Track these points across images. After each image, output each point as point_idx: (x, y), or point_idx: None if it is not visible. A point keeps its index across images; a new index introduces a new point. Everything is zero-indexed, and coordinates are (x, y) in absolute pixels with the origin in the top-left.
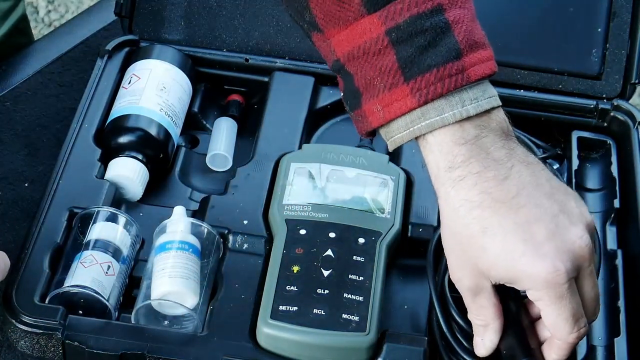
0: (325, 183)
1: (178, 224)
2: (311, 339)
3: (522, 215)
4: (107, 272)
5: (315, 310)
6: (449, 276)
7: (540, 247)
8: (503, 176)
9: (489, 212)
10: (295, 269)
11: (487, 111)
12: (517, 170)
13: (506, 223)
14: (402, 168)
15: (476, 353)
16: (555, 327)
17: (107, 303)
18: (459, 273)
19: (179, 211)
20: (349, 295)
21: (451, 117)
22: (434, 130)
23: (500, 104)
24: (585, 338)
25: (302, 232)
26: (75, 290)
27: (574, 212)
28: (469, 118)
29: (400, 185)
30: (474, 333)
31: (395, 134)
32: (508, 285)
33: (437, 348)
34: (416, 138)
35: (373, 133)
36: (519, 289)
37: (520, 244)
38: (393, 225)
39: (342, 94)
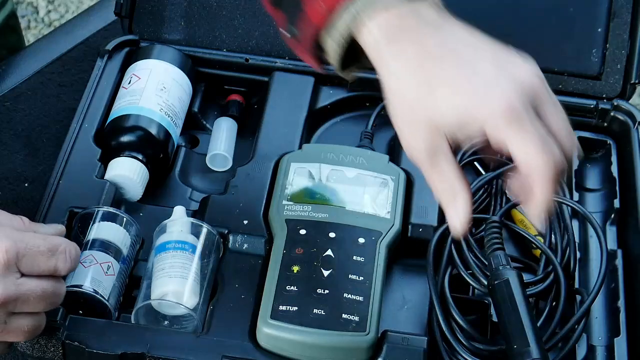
0: (325, 183)
1: (178, 224)
2: (311, 339)
3: (464, 60)
4: (107, 272)
5: (315, 310)
6: (449, 276)
7: (490, 82)
8: (440, 36)
9: (430, 66)
10: (295, 269)
11: None
12: (451, 27)
13: (450, 71)
14: (402, 168)
15: (454, 231)
16: (526, 156)
17: (107, 303)
18: (413, 138)
19: (179, 211)
20: (349, 295)
21: None
22: (377, 12)
23: None
24: (585, 338)
25: (302, 232)
26: (75, 290)
27: (515, 53)
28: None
29: (400, 185)
30: (444, 209)
31: (341, 28)
32: (464, 132)
33: (437, 348)
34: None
35: (319, 48)
36: (474, 132)
37: (468, 84)
38: (393, 225)
39: (283, 24)
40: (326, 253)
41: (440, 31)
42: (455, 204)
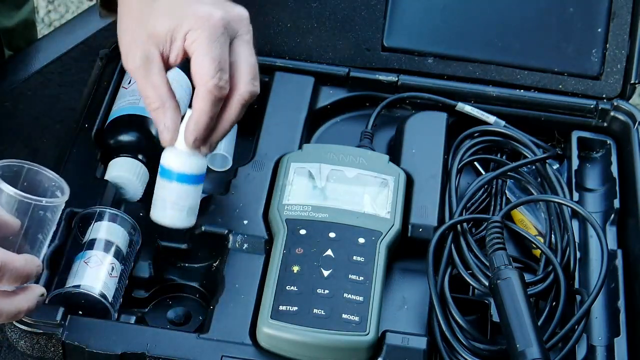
0: (325, 183)
1: None
2: (311, 339)
3: None
4: (111, 274)
5: (315, 310)
6: (449, 276)
7: (199, 8)
8: None
9: None
10: (295, 269)
11: None
12: None
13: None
14: (402, 168)
15: (163, 141)
16: (201, 68)
17: (109, 305)
18: (131, 47)
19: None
20: (349, 295)
21: None
22: None
23: None
24: (585, 338)
25: (302, 232)
26: (81, 291)
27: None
28: None
29: (400, 185)
30: (155, 119)
31: None
32: (171, 40)
33: (437, 348)
34: None
35: None
36: (180, 37)
37: (180, 10)
38: (393, 225)
39: None
40: (326, 253)
41: None
42: (165, 116)
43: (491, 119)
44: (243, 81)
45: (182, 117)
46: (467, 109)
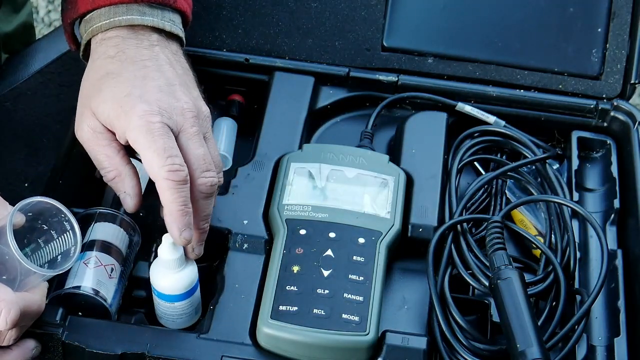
0: (325, 183)
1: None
2: (311, 338)
3: (142, 72)
4: (110, 275)
5: (315, 311)
6: (449, 276)
7: (145, 95)
8: (142, 46)
9: (117, 63)
10: (295, 269)
11: (174, 36)
12: (159, 50)
13: (126, 73)
14: (402, 168)
15: (129, 210)
16: (148, 163)
17: (109, 307)
18: (80, 118)
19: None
20: (349, 295)
21: (150, 21)
22: (128, 25)
23: (184, 43)
24: (585, 338)
25: (302, 232)
26: (80, 292)
27: (193, 93)
28: (158, 30)
29: (400, 185)
30: (116, 191)
31: (95, 23)
32: (112, 128)
33: (437, 348)
34: (99, 33)
35: (73, 29)
36: (119, 129)
37: (130, 88)
38: (393, 225)
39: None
40: (326, 253)
41: (146, 45)
42: (122, 181)
43: (491, 119)
44: (195, 175)
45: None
46: (467, 109)
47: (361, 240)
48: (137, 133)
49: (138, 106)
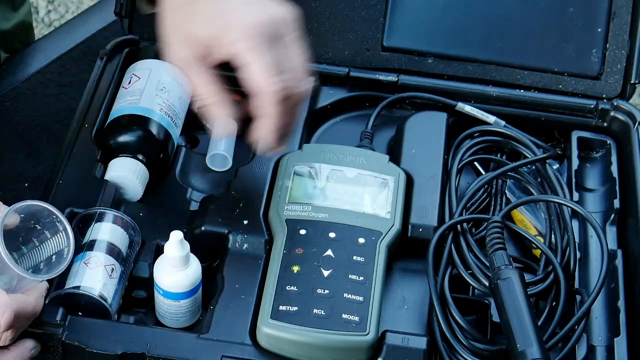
0: (325, 183)
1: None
2: (311, 338)
3: None
4: (111, 275)
5: (315, 310)
6: (449, 276)
7: (245, 6)
8: None
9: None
10: (296, 269)
11: None
12: None
13: (209, 3)
14: (402, 168)
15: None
16: (256, 78)
17: (109, 307)
18: (175, 43)
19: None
20: (349, 295)
21: None
22: None
23: None
24: (585, 338)
25: (302, 232)
26: (80, 292)
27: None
28: None
29: (400, 185)
30: (212, 117)
31: None
32: (216, 47)
33: (437, 348)
34: None
35: None
36: (223, 45)
37: (223, 6)
38: (393, 225)
39: None
40: (326, 253)
41: None
42: (218, 107)
43: (491, 119)
44: (296, 79)
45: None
46: (467, 109)
47: (361, 240)
48: (245, 47)
49: (243, 17)
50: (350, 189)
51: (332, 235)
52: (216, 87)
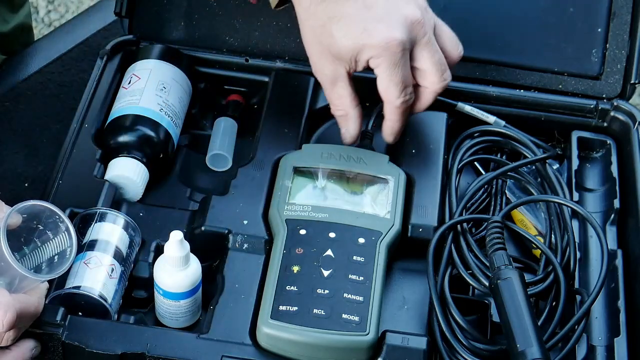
0: (325, 183)
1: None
2: (311, 338)
3: (360, 2)
4: (111, 275)
5: (315, 311)
6: (449, 276)
7: (378, 23)
8: None
9: (332, 4)
10: (295, 269)
11: None
12: None
13: (348, 10)
14: (402, 168)
15: (345, 142)
16: (387, 92)
17: (109, 307)
18: (320, 63)
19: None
20: (349, 295)
21: None
22: None
23: None
24: (585, 338)
25: (302, 232)
26: (81, 292)
27: None
28: None
29: (400, 185)
30: (340, 125)
31: None
32: (355, 62)
33: (437, 348)
34: None
35: None
36: (362, 62)
37: (361, 23)
38: (393, 225)
39: None
40: (326, 253)
41: None
42: (347, 124)
43: (491, 119)
44: (434, 80)
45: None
46: (467, 109)
47: (361, 240)
48: (381, 63)
49: (379, 37)
50: (350, 189)
51: (332, 235)
52: (355, 101)
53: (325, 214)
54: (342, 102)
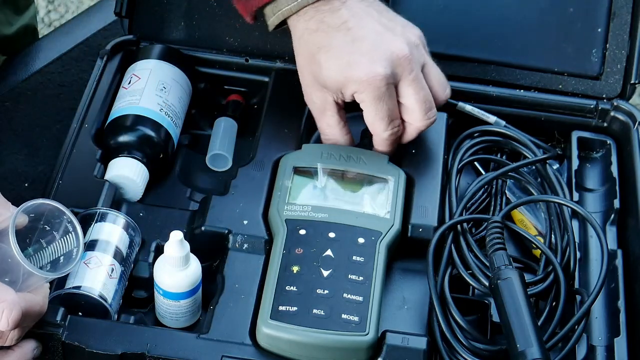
0: (325, 183)
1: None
2: (311, 339)
3: (350, 35)
4: (111, 275)
5: (315, 311)
6: (449, 276)
7: (363, 57)
8: (336, 8)
9: (323, 35)
10: (295, 269)
11: None
12: (350, 4)
13: (336, 42)
14: (402, 168)
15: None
16: (373, 125)
17: (109, 307)
18: (309, 91)
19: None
20: (349, 296)
21: None
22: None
23: None
24: (585, 338)
25: (302, 232)
26: (81, 292)
27: (397, 30)
28: None
29: (400, 185)
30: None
31: (283, 7)
32: (342, 93)
33: (437, 348)
34: (291, 15)
35: (256, 14)
36: (348, 95)
37: (346, 56)
38: (393, 225)
39: None
40: (326, 253)
41: (337, 6)
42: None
43: (491, 118)
44: (417, 118)
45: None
46: (468, 108)
47: (361, 240)
48: (365, 98)
49: (362, 72)
50: (350, 189)
51: (331, 235)
52: (344, 129)
53: (325, 214)
54: (331, 132)
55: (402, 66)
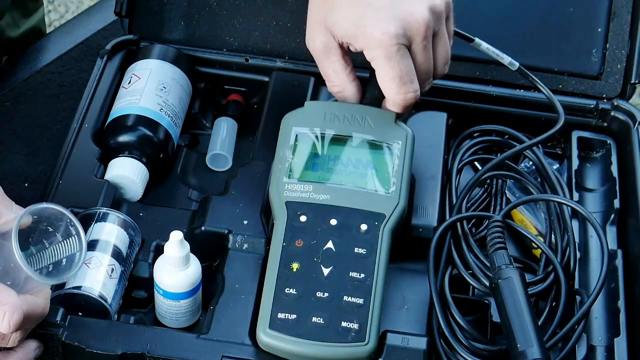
0: (327, 154)
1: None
2: (309, 350)
3: None
4: (111, 275)
5: (314, 319)
6: (449, 276)
7: (378, 12)
8: None
9: None
10: (295, 266)
11: None
12: None
13: None
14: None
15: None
16: (384, 86)
17: (109, 307)
18: (313, 32)
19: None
20: (349, 298)
21: None
22: None
23: None
24: (585, 338)
25: (303, 218)
26: (81, 292)
27: None
28: None
29: (408, 149)
30: (335, 97)
31: None
32: (349, 44)
33: (437, 348)
34: None
35: None
36: (357, 48)
37: (362, 7)
38: (398, 204)
39: None
40: (327, 246)
41: None
42: (344, 97)
43: (506, 59)
44: (422, 83)
45: None
46: (483, 47)
47: (363, 227)
48: (376, 56)
49: (374, 27)
50: (354, 161)
51: (333, 222)
52: (351, 75)
53: (327, 194)
54: (337, 78)
55: (416, 30)
